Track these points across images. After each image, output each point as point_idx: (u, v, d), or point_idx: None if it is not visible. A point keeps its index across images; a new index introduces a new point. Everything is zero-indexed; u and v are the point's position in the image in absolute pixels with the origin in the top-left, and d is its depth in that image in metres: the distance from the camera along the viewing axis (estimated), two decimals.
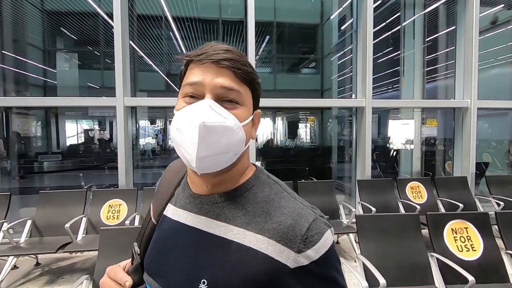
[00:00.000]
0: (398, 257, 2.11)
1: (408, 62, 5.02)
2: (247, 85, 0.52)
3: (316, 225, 0.48)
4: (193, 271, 0.50)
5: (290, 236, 0.46)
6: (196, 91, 0.50)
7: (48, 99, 4.14)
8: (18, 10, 6.57)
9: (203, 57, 0.49)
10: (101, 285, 0.59)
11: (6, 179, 4.05)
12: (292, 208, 0.50)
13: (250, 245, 0.48)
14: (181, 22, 7.16)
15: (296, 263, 0.45)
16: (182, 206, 0.58)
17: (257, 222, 0.49)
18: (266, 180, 0.56)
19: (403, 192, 3.73)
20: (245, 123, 0.51)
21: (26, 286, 2.63)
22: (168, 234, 0.57)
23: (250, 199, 0.52)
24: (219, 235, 0.50)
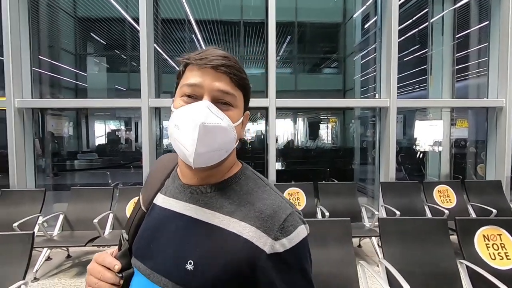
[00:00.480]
0: (424, 263, 2.02)
1: (436, 60, 4.81)
2: (241, 89, 0.58)
3: (292, 218, 0.53)
4: (181, 253, 0.54)
5: (269, 224, 0.52)
6: (195, 92, 0.55)
7: (79, 100, 4.38)
8: (53, 18, 7.00)
9: (204, 62, 0.54)
10: (89, 271, 0.60)
11: (41, 176, 4.32)
12: (273, 201, 0.55)
13: (234, 230, 0.52)
14: (203, 25, 7.30)
15: (272, 249, 0.50)
16: (172, 195, 0.62)
17: (241, 210, 0.54)
18: (251, 175, 0.61)
19: (430, 195, 3.57)
20: (237, 124, 0.57)
21: (58, 277, 2.80)
22: (158, 221, 0.61)
23: (236, 191, 0.57)
24: (206, 221, 0.55)
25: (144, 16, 3.51)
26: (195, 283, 0.51)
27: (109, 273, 0.59)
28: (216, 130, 0.52)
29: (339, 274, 2.02)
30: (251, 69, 10.45)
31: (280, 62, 9.73)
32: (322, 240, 2.09)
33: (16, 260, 1.81)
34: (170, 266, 0.54)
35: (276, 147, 3.75)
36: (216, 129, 0.52)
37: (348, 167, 6.59)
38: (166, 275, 0.54)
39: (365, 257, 3.16)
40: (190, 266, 0.52)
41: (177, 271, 0.53)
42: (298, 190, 3.49)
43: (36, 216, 3.01)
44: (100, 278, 0.58)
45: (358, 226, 3.22)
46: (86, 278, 0.61)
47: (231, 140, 0.55)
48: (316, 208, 3.41)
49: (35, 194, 3.22)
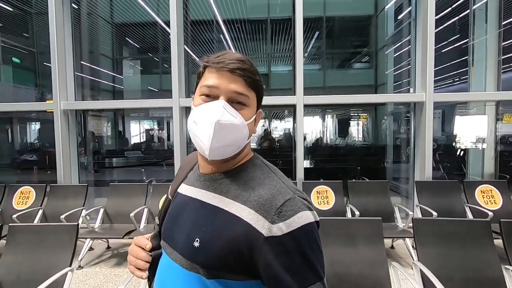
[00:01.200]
0: (464, 267, 1.89)
1: (479, 51, 4.44)
2: (254, 90, 0.63)
3: (291, 203, 0.55)
4: (191, 232, 0.61)
5: (267, 208, 0.55)
6: (212, 92, 0.60)
7: (116, 102, 4.66)
8: (93, 25, 7.49)
9: (221, 66, 0.59)
10: (129, 251, 0.73)
11: (83, 173, 4.65)
12: (273, 186, 0.59)
13: (236, 213, 0.57)
14: (231, 25, 7.39)
15: (270, 233, 0.53)
16: (191, 184, 0.71)
17: (243, 195, 0.59)
18: (259, 163, 0.66)
19: (472, 196, 3.33)
20: (249, 122, 0.62)
21: (100, 266, 3.01)
22: (178, 206, 0.70)
23: (243, 177, 0.63)
24: (213, 204, 0.61)
25: (174, 19, 3.63)
26: (201, 258, 0.58)
27: (143, 252, 0.70)
28: (230, 127, 0.58)
29: (370, 275, 1.96)
30: (278, 66, 10.39)
31: (308, 59, 9.57)
32: (351, 239, 2.05)
33: (63, 248, 1.98)
34: (183, 245, 0.62)
35: (304, 145, 3.71)
36: (230, 126, 0.57)
37: (380, 165, 6.33)
38: (181, 253, 0.62)
39: (398, 259, 3.03)
40: (196, 244, 0.59)
41: (187, 248, 0.60)
42: (327, 189, 3.43)
43: (80, 209, 3.27)
44: (137, 256, 0.70)
45: (390, 226, 3.09)
46: (127, 257, 0.73)
47: (243, 137, 0.61)
48: (345, 207, 3.33)
49: (79, 189, 3.49)
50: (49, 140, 3.93)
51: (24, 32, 7.92)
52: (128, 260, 0.71)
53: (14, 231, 2.03)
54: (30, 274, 1.90)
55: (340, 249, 2.02)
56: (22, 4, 6.46)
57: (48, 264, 1.93)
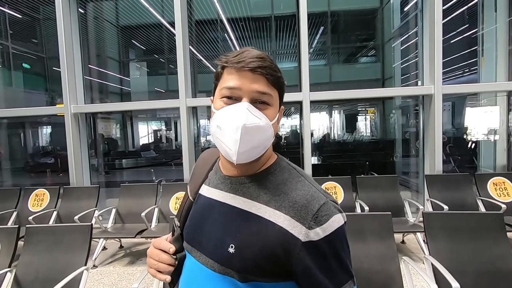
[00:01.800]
0: (476, 261, 1.87)
1: (489, 40, 4.34)
2: (276, 88, 0.61)
3: (325, 208, 0.56)
4: (223, 238, 0.60)
5: (303, 214, 0.55)
6: (234, 94, 0.59)
7: (124, 104, 4.73)
8: (99, 28, 7.59)
9: (242, 65, 0.57)
10: (149, 254, 0.70)
11: (94, 174, 4.75)
12: (306, 191, 0.58)
13: (270, 218, 0.57)
14: (235, 23, 7.39)
15: (307, 238, 0.53)
16: (215, 186, 0.68)
17: (276, 200, 0.58)
18: (286, 166, 0.65)
19: (484, 188, 3.28)
20: (274, 122, 0.61)
21: (113, 265, 3.08)
22: (203, 209, 0.68)
23: (272, 181, 0.62)
24: (245, 209, 0.60)
25: (179, 20, 3.66)
26: (237, 264, 0.57)
27: (166, 255, 0.68)
28: (256, 130, 0.56)
29: (380, 270, 1.96)
30: (283, 63, 10.36)
31: (314, 54, 9.51)
32: (361, 235, 2.04)
33: (78, 248, 2.03)
34: (214, 249, 0.61)
35: (311, 142, 3.70)
36: (256, 128, 0.56)
37: (389, 160, 6.27)
38: (212, 257, 0.61)
39: (409, 254, 3.01)
40: (232, 250, 0.58)
41: (221, 254, 0.59)
42: (335, 185, 3.42)
43: (92, 210, 3.34)
44: (158, 259, 0.68)
45: (401, 221, 3.07)
46: (147, 261, 0.70)
47: (269, 137, 0.59)
48: (354, 202, 3.31)
49: (91, 190, 3.57)
50: (60, 143, 4.02)
51: (33, 38, 8.09)
52: (148, 263, 0.69)
53: (31, 232, 2.10)
54: (47, 273, 1.97)
55: (351, 245, 2.02)
56: (31, 10, 6.60)
57: (64, 263, 1.99)
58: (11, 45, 7.70)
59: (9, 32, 7.42)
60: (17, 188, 3.69)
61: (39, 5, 6.22)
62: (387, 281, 1.90)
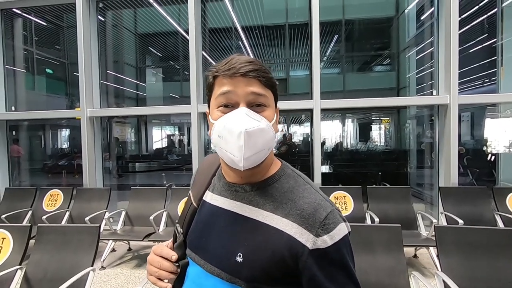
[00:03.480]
0: (490, 278, 1.78)
1: (508, 50, 4.21)
2: (270, 89, 0.62)
3: (332, 216, 0.56)
4: (230, 246, 0.60)
5: (311, 222, 0.55)
6: (230, 99, 0.59)
7: (138, 108, 4.84)
8: (118, 35, 7.87)
9: (233, 72, 0.57)
10: (149, 261, 0.68)
11: (107, 177, 4.86)
12: (313, 199, 0.58)
13: (277, 226, 0.57)
14: (249, 31, 7.49)
15: (314, 245, 0.54)
16: (219, 193, 0.67)
17: (283, 208, 0.58)
18: (291, 173, 0.65)
19: (503, 203, 3.13)
20: (273, 122, 0.61)
21: (121, 267, 3.12)
22: (208, 216, 0.67)
23: (278, 189, 0.61)
24: (252, 217, 0.60)
25: (193, 28, 3.74)
26: (245, 273, 0.57)
27: (167, 262, 0.66)
28: (258, 133, 0.56)
29: (388, 284, 1.89)
30: (297, 71, 10.36)
31: (327, 63, 9.48)
32: (369, 246, 1.99)
33: (86, 249, 2.07)
34: (221, 258, 0.60)
35: (323, 150, 3.65)
36: (258, 132, 0.56)
37: (402, 170, 6.11)
38: (219, 266, 0.60)
39: (421, 269, 2.89)
40: (239, 259, 0.58)
41: (228, 262, 0.59)
42: (345, 194, 3.35)
43: (103, 212, 3.41)
44: (159, 267, 0.66)
45: (413, 234, 2.96)
46: (147, 268, 0.69)
47: (271, 138, 0.59)
48: (364, 213, 3.23)
49: (102, 192, 3.64)
50: (77, 146, 4.15)
51: (56, 44, 8.47)
52: (148, 270, 0.67)
53: (42, 232, 2.15)
54: (56, 272, 2.01)
55: (358, 256, 1.96)
56: (55, 18, 6.92)
57: (72, 263, 2.03)
58: (36, 51, 8.08)
59: (34, 38, 7.80)
60: (33, 188, 3.82)
61: (63, 13, 6.52)
62: None
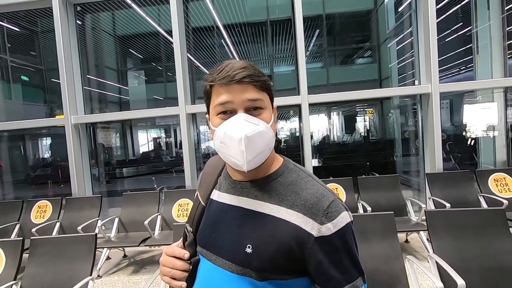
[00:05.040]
0: (480, 257, 1.88)
1: (483, 37, 4.39)
2: (265, 91, 0.64)
3: (335, 204, 0.59)
4: (239, 240, 0.63)
5: (315, 211, 0.58)
6: (228, 108, 0.61)
7: (124, 113, 4.75)
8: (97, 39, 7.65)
9: (228, 80, 0.60)
10: (162, 262, 0.71)
11: (96, 184, 4.75)
12: (316, 190, 0.61)
13: (283, 217, 0.60)
14: (231, 29, 7.46)
15: (319, 233, 0.57)
16: (226, 191, 0.71)
17: (288, 200, 0.61)
18: (293, 168, 0.68)
19: (485, 185, 3.29)
20: (271, 123, 0.64)
21: (118, 274, 3.07)
22: (217, 213, 0.70)
23: (282, 183, 0.65)
24: (259, 210, 0.63)
25: (176, 28, 3.70)
26: (255, 263, 0.60)
27: (180, 261, 0.69)
28: (258, 136, 0.59)
29: (385, 270, 1.96)
30: (281, 67, 10.42)
31: (310, 57, 9.57)
32: (364, 235, 2.05)
33: (83, 258, 2.03)
34: (231, 251, 0.63)
35: (311, 144, 3.71)
36: (257, 135, 0.58)
37: (389, 159, 6.28)
38: (230, 259, 0.63)
39: (413, 253, 3.00)
40: (249, 250, 0.61)
41: (238, 254, 0.62)
42: (337, 186, 3.43)
43: (95, 220, 3.34)
44: (172, 267, 0.69)
45: (403, 220, 3.07)
46: (160, 269, 0.71)
47: (270, 139, 0.62)
48: (357, 203, 3.32)
49: (93, 200, 3.57)
50: (60, 154, 4.03)
51: (31, 50, 8.15)
52: (161, 271, 0.70)
53: (35, 244, 2.10)
54: (53, 284, 1.97)
55: None
56: (28, 24, 6.66)
57: (69, 274, 1.99)
58: (10, 58, 7.75)
59: (7, 45, 7.47)
60: (19, 201, 3.69)
61: (37, 18, 6.28)
62: (392, 281, 1.90)
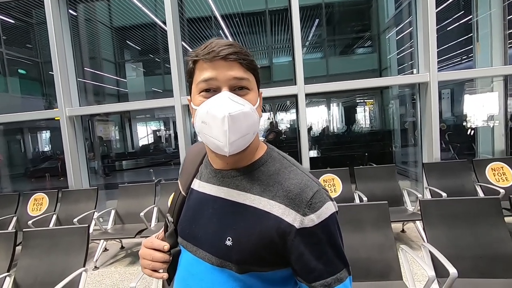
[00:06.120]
0: (474, 246, 1.87)
1: (483, 26, 4.30)
2: (252, 72, 0.60)
3: (319, 195, 0.56)
4: (219, 231, 0.60)
5: (298, 202, 0.55)
6: (211, 85, 0.57)
7: (119, 104, 4.70)
8: (92, 30, 7.55)
9: (213, 55, 0.55)
10: (141, 255, 0.69)
11: (94, 177, 4.76)
12: (300, 180, 0.58)
13: (265, 209, 0.57)
14: (229, 19, 7.34)
15: (302, 225, 0.54)
16: (207, 180, 0.68)
17: (270, 190, 0.58)
18: (277, 156, 0.65)
19: (482, 174, 3.27)
20: (256, 106, 0.60)
21: (115, 266, 3.09)
22: (197, 204, 0.68)
23: (264, 172, 0.61)
24: (239, 201, 0.60)
25: (170, 18, 3.63)
26: (235, 256, 0.58)
27: (159, 253, 0.67)
28: (242, 116, 0.55)
29: (379, 260, 1.96)
30: (280, 58, 10.29)
31: (309, 48, 9.44)
32: (358, 225, 2.04)
33: (76, 250, 2.03)
34: (212, 243, 0.61)
35: (310, 135, 3.68)
36: (241, 115, 0.54)
37: (387, 150, 6.26)
38: (209, 251, 0.61)
39: (409, 243, 3.01)
40: (229, 242, 0.58)
41: (219, 247, 0.60)
42: (334, 177, 3.42)
43: (91, 212, 3.35)
44: (152, 259, 0.67)
45: (399, 210, 3.06)
46: (140, 262, 0.69)
47: (255, 122, 0.58)
48: (353, 194, 3.31)
49: (89, 192, 3.57)
50: (59, 148, 4.01)
51: (27, 43, 8.06)
52: (142, 264, 0.68)
53: (28, 236, 2.10)
54: (46, 276, 1.97)
55: (347, 235, 2.02)
56: (23, 15, 6.55)
57: (63, 265, 2.00)
58: (5, 51, 7.67)
59: (2, 37, 7.38)
60: (15, 194, 3.70)
61: (32, 9, 6.18)
62: (386, 270, 1.89)
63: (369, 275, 1.88)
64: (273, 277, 0.59)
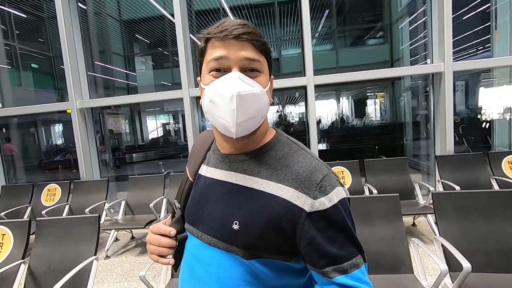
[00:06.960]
0: (488, 240, 1.81)
1: (503, 14, 4.12)
2: (264, 54, 0.58)
3: (329, 178, 0.55)
4: (227, 216, 0.59)
5: (307, 185, 0.54)
6: (222, 65, 0.55)
7: (127, 97, 4.73)
8: (102, 24, 7.60)
9: (225, 34, 0.54)
10: (148, 241, 0.69)
11: (104, 169, 4.83)
12: (309, 163, 0.57)
13: (273, 192, 0.55)
14: (238, 11, 7.26)
15: (312, 208, 0.52)
16: (214, 165, 0.67)
17: (278, 174, 0.57)
18: (285, 141, 0.63)
19: (498, 167, 3.16)
20: (267, 89, 0.58)
21: (125, 255, 3.15)
22: (204, 189, 0.67)
23: (272, 156, 0.60)
24: (247, 185, 0.59)
25: (178, 9, 3.61)
26: (242, 240, 0.57)
27: (166, 239, 0.67)
28: (251, 98, 0.53)
29: (389, 253, 1.92)
30: (289, 49, 10.17)
31: (319, 39, 9.27)
32: (368, 217, 2.00)
33: (88, 239, 2.07)
34: (218, 228, 0.60)
35: (319, 128, 3.62)
36: (250, 96, 0.53)
37: (399, 143, 6.14)
38: (216, 236, 0.60)
39: (420, 236, 2.95)
40: (236, 226, 0.57)
41: (225, 231, 0.58)
42: (343, 169, 3.37)
43: (102, 203, 3.41)
44: (158, 244, 0.67)
45: (411, 203, 3.00)
46: (147, 247, 0.69)
47: (265, 105, 0.57)
48: (363, 186, 3.26)
49: (100, 183, 3.63)
50: (72, 141, 4.08)
51: (39, 37, 8.17)
52: (149, 250, 0.68)
53: (41, 225, 2.15)
54: (59, 264, 2.01)
55: (357, 227, 1.98)
56: (34, 10, 6.64)
57: (75, 254, 2.04)
58: (18, 45, 7.80)
59: (15, 32, 7.50)
60: (30, 184, 3.79)
61: (42, 3, 6.25)
62: (396, 263, 1.86)
63: (379, 268, 1.86)
64: (282, 266, 0.58)
